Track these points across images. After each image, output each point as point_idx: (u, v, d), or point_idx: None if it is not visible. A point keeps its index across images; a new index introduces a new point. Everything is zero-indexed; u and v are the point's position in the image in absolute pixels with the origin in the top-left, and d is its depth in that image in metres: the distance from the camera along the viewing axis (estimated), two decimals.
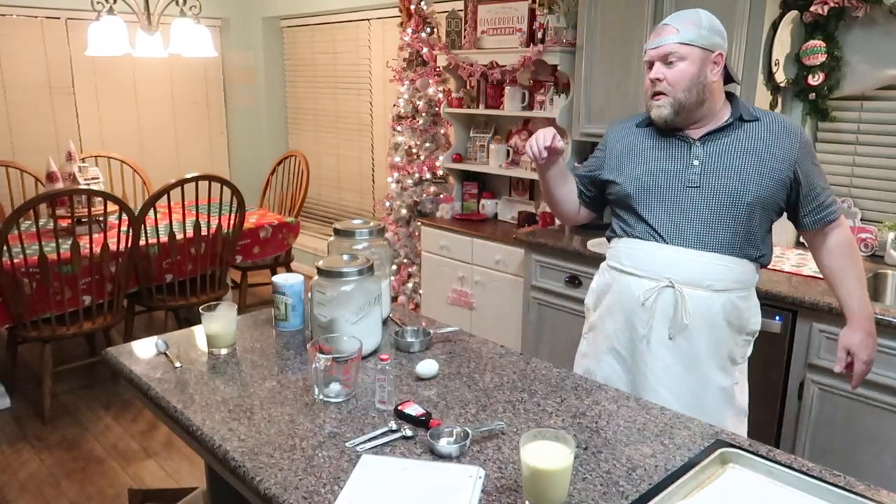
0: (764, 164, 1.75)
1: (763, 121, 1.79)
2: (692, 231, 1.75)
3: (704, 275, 1.73)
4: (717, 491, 1.23)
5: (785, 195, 1.79)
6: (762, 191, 1.74)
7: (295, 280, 1.93)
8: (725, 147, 1.77)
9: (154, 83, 5.42)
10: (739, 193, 1.74)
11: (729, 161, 1.76)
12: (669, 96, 1.75)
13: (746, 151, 1.76)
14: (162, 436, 3.16)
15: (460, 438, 1.34)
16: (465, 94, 3.82)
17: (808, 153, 1.79)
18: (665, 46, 1.74)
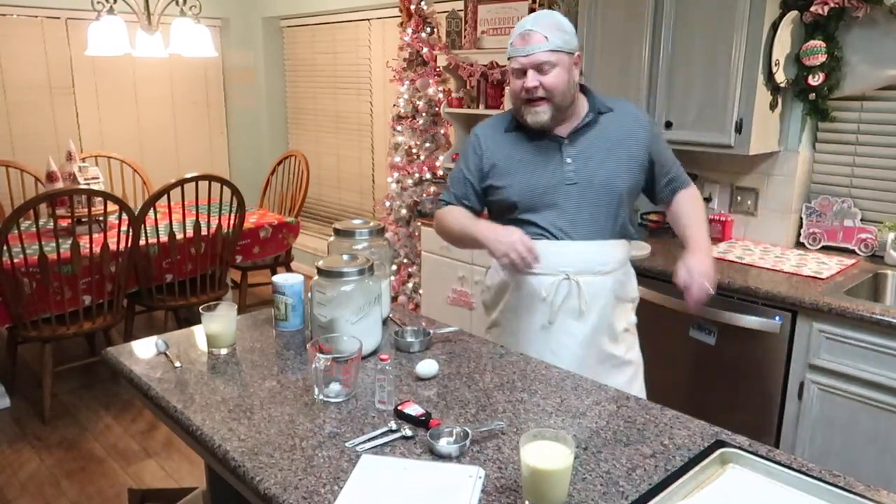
0: (628, 153, 1.90)
1: (616, 111, 1.94)
2: (577, 225, 1.88)
3: (594, 262, 1.88)
4: (717, 491, 1.23)
5: (644, 177, 1.96)
6: (630, 178, 1.91)
7: (295, 280, 1.93)
8: (591, 142, 1.90)
9: (154, 83, 5.42)
10: (613, 184, 1.88)
11: (597, 155, 1.89)
12: (548, 103, 1.82)
13: (611, 143, 1.90)
14: (162, 436, 3.16)
15: (460, 438, 1.34)
16: (465, 94, 3.82)
17: (657, 135, 1.99)
18: (538, 55, 1.79)
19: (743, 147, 2.67)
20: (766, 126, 2.73)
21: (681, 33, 2.75)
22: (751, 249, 2.84)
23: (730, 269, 2.57)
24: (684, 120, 2.80)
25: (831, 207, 2.80)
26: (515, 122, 1.94)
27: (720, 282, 2.46)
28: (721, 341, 2.52)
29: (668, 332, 2.68)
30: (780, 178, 2.90)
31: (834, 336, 2.24)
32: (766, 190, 2.95)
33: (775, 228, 2.94)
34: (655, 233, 3.15)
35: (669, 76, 2.81)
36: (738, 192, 3.04)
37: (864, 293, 2.46)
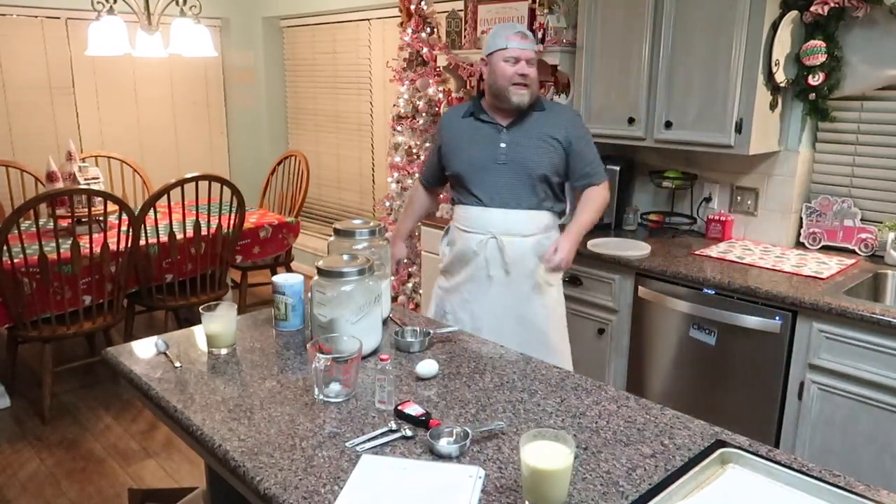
0: (550, 146, 2.35)
1: (548, 110, 2.40)
2: (504, 196, 2.37)
3: (516, 226, 2.37)
4: (717, 491, 1.23)
5: (563, 165, 2.38)
6: (550, 165, 2.35)
7: (295, 280, 1.93)
8: (523, 133, 2.37)
9: (154, 83, 5.42)
10: (534, 168, 2.34)
11: (525, 143, 2.36)
12: (528, 89, 2.31)
13: (538, 136, 2.35)
14: (162, 436, 3.16)
15: (460, 438, 1.34)
16: (465, 94, 3.81)
17: (581, 137, 2.39)
18: (531, 51, 2.30)
19: (743, 147, 2.67)
20: (766, 126, 2.72)
21: (681, 33, 2.75)
22: (751, 249, 2.84)
23: (730, 269, 2.57)
24: (684, 120, 2.80)
25: (831, 207, 2.80)
26: (471, 111, 2.44)
27: (720, 282, 2.47)
28: (721, 341, 2.52)
29: (668, 332, 2.68)
30: (780, 178, 2.90)
31: (834, 336, 2.24)
32: (766, 190, 2.95)
33: (775, 228, 2.94)
34: (655, 232, 3.15)
35: (669, 76, 2.81)
36: (738, 192, 3.04)
37: (864, 293, 2.46)
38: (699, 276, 2.53)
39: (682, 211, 3.21)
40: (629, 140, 3.01)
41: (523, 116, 2.36)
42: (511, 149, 2.35)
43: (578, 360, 3.01)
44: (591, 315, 2.93)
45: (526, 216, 2.37)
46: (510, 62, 2.27)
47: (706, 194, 3.13)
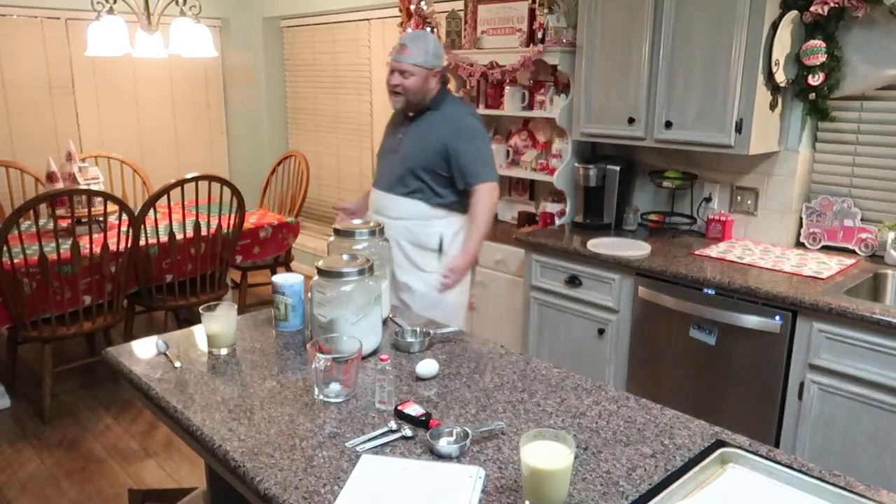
0: (430, 143, 2.54)
1: (440, 111, 2.58)
2: (386, 181, 2.64)
3: (387, 209, 2.62)
4: (717, 491, 1.23)
5: (442, 163, 2.53)
6: (425, 161, 2.54)
7: (295, 280, 1.93)
8: (416, 128, 2.60)
9: (154, 83, 5.41)
10: (412, 161, 2.56)
11: (413, 138, 2.59)
12: (403, 97, 2.54)
13: (423, 132, 2.57)
14: (162, 436, 3.16)
15: (460, 438, 1.34)
16: (465, 94, 3.81)
17: (459, 136, 2.52)
18: (402, 64, 2.51)
19: (743, 147, 2.67)
20: (766, 126, 2.72)
21: (680, 33, 2.75)
22: (751, 249, 2.84)
23: (730, 269, 2.57)
24: (684, 120, 2.80)
25: (831, 207, 2.80)
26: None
27: (720, 282, 2.47)
28: (721, 341, 2.52)
29: (668, 332, 2.68)
30: (780, 178, 2.90)
31: (834, 336, 2.24)
32: (766, 190, 2.95)
33: (775, 228, 2.94)
34: (655, 232, 3.15)
35: (669, 76, 2.81)
36: (738, 192, 3.04)
37: (864, 293, 2.46)
38: (699, 276, 2.53)
39: (682, 211, 3.21)
40: (629, 140, 3.01)
41: (422, 115, 2.59)
42: (404, 141, 2.62)
43: (578, 360, 3.02)
44: (591, 315, 2.94)
45: (396, 202, 2.59)
46: (389, 71, 2.54)
47: (706, 194, 3.13)
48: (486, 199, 2.54)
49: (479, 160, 2.55)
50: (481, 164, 2.55)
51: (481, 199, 2.54)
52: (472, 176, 2.53)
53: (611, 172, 3.19)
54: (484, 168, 2.55)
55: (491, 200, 2.56)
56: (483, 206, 2.54)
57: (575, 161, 3.32)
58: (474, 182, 2.54)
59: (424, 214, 2.59)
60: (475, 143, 2.57)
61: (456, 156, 2.52)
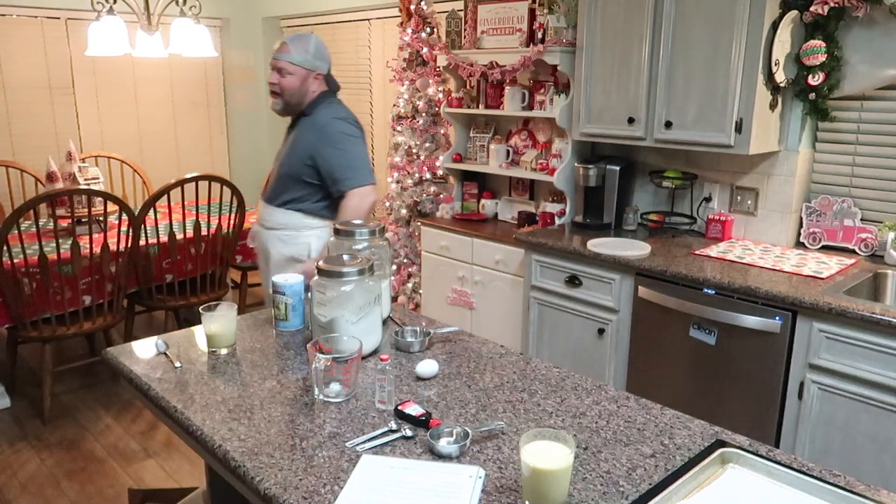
0: (297, 149, 2.49)
1: (311, 116, 2.49)
2: (268, 191, 2.60)
3: (265, 219, 2.60)
4: (717, 491, 1.23)
5: (311, 171, 2.45)
6: (291, 167, 2.49)
7: (295, 280, 1.93)
8: (293, 135, 2.56)
9: (154, 83, 5.41)
10: (284, 168, 2.52)
11: (289, 146, 2.54)
12: (281, 98, 2.48)
13: (296, 139, 2.52)
14: (162, 436, 3.16)
15: (460, 438, 1.34)
16: (465, 94, 3.82)
17: (326, 142, 2.43)
18: (279, 62, 2.44)
19: (743, 147, 2.67)
20: (766, 126, 2.73)
21: (681, 33, 2.75)
22: (751, 249, 2.84)
23: (730, 269, 2.57)
24: (684, 120, 2.80)
25: (831, 207, 2.80)
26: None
27: (720, 282, 2.47)
28: (721, 341, 2.52)
29: (668, 332, 2.68)
30: (780, 178, 2.90)
31: (834, 336, 2.24)
32: (766, 190, 2.95)
33: (775, 228, 2.94)
34: (655, 232, 3.15)
35: (669, 76, 2.81)
36: (738, 192, 3.04)
37: (864, 293, 2.46)
38: (699, 276, 2.53)
39: (682, 211, 3.21)
40: (629, 140, 3.01)
41: (298, 120, 2.54)
42: (283, 149, 2.59)
43: (578, 360, 3.02)
44: (591, 315, 2.94)
45: (273, 212, 2.56)
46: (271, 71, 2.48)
47: (706, 194, 3.13)
48: (353, 203, 2.39)
49: (347, 165, 2.41)
50: (351, 168, 2.42)
51: (349, 205, 2.40)
52: (342, 182, 2.41)
53: (611, 172, 3.19)
54: (354, 172, 2.42)
55: (360, 205, 2.40)
56: (349, 212, 2.38)
57: (575, 161, 3.32)
58: (345, 188, 2.41)
59: (296, 225, 2.52)
60: (343, 146, 2.43)
61: (323, 162, 2.42)
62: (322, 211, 2.53)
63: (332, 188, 2.45)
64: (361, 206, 2.41)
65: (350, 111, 2.57)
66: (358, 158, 2.45)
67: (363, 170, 2.45)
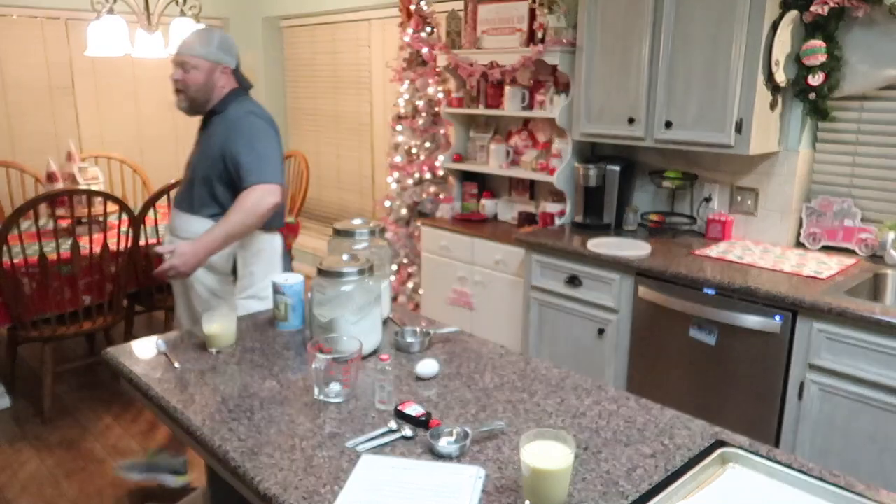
0: (210, 149, 2.34)
1: (224, 114, 2.36)
2: (180, 197, 2.44)
3: (180, 229, 2.39)
4: (717, 491, 1.23)
5: (226, 172, 2.33)
6: (206, 171, 2.34)
7: (295, 280, 1.93)
8: (204, 135, 2.42)
9: (154, 83, 5.41)
10: (197, 170, 2.37)
11: (201, 147, 2.40)
12: (185, 95, 2.34)
13: (207, 139, 2.38)
14: (162, 436, 3.16)
15: (460, 438, 1.34)
16: (465, 94, 3.82)
17: (236, 137, 2.30)
18: (181, 56, 2.31)
19: (743, 147, 2.67)
20: (766, 126, 2.73)
21: (681, 33, 2.75)
22: (751, 249, 2.84)
23: (730, 269, 2.57)
24: (684, 120, 2.80)
25: (831, 207, 2.80)
26: None
27: (720, 282, 2.46)
28: (721, 341, 2.52)
29: (668, 332, 2.68)
30: (780, 178, 2.90)
31: (834, 336, 2.24)
32: (766, 190, 2.95)
33: (775, 228, 2.94)
34: (655, 232, 3.15)
35: (669, 76, 2.81)
36: (738, 192, 3.04)
37: (864, 293, 2.46)
38: (699, 276, 2.53)
39: (682, 211, 3.21)
40: (629, 140, 3.02)
41: (210, 119, 2.39)
42: (198, 149, 2.44)
43: (578, 360, 3.02)
44: (591, 315, 2.94)
45: (188, 220, 2.39)
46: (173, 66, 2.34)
47: (706, 194, 3.13)
48: (252, 198, 2.23)
49: (255, 161, 2.27)
50: (258, 164, 2.27)
51: (246, 198, 2.24)
52: (246, 176, 2.27)
53: (611, 172, 3.19)
54: (260, 167, 2.27)
55: (259, 202, 2.23)
56: (243, 204, 2.23)
57: (575, 161, 3.32)
58: (247, 183, 2.26)
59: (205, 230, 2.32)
60: (253, 143, 2.29)
61: (233, 160, 2.28)
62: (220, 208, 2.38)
63: (239, 186, 2.29)
64: (260, 204, 2.23)
65: (265, 109, 2.43)
66: (267, 155, 2.30)
67: (271, 167, 2.29)
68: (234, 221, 2.25)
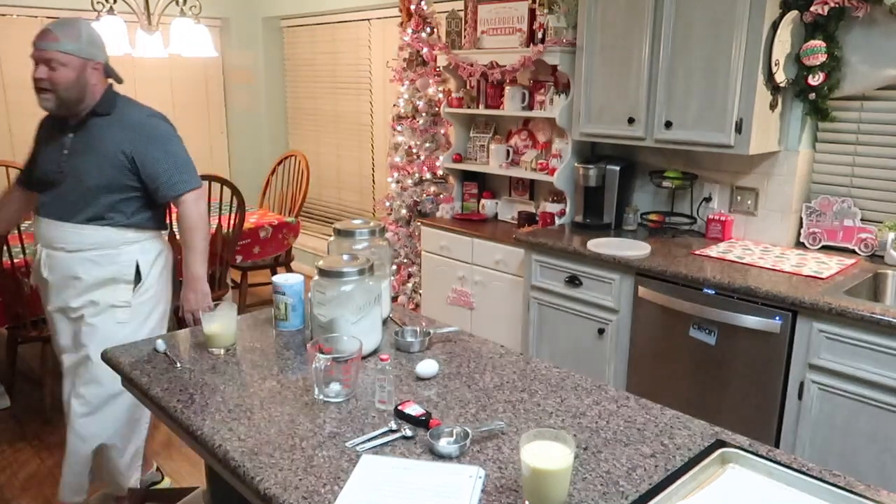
0: (107, 154, 2.17)
1: (115, 115, 2.21)
2: (58, 207, 2.20)
3: (60, 240, 2.21)
4: (717, 491, 1.23)
5: (130, 176, 2.20)
6: (101, 176, 2.17)
7: (295, 280, 1.93)
8: (85, 139, 2.19)
9: (154, 83, 5.41)
10: (87, 178, 2.17)
11: (83, 152, 2.19)
12: (53, 94, 2.13)
13: (96, 142, 2.18)
14: (162, 436, 3.16)
15: (460, 438, 1.34)
16: (465, 94, 3.82)
17: (146, 142, 2.21)
18: (46, 52, 2.10)
19: (743, 147, 2.67)
20: (766, 126, 2.73)
21: (681, 33, 2.75)
22: (751, 249, 2.84)
23: (730, 269, 2.57)
24: (684, 120, 2.80)
25: (831, 207, 2.80)
26: None
27: (720, 282, 2.46)
28: (721, 341, 2.52)
29: (668, 332, 2.68)
30: (780, 178, 2.90)
31: (834, 336, 2.24)
32: (766, 190, 2.95)
33: (775, 228, 2.94)
34: (655, 232, 3.15)
35: (669, 76, 2.81)
36: (738, 192, 3.04)
37: (864, 293, 2.46)
38: (699, 276, 2.53)
39: (682, 211, 3.21)
40: (629, 140, 3.02)
41: (88, 121, 2.20)
42: (71, 155, 2.20)
43: (578, 360, 3.02)
44: (591, 315, 2.94)
45: (76, 231, 2.20)
46: (34, 65, 2.13)
47: (706, 194, 3.13)
48: (193, 211, 2.26)
49: (176, 167, 2.24)
50: (180, 171, 2.25)
51: (190, 213, 2.25)
52: (173, 187, 2.23)
53: (611, 172, 3.19)
54: (184, 176, 2.25)
55: (199, 212, 2.27)
56: (194, 221, 2.26)
57: (575, 161, 3.32)
58: (176, 193, 2.24)
59: (113, 241, 2.24)
60: (168, 148, 2.26)
61: (150, 166, 2.20)
62: (144, 222, 2.29)
63: (157, 193, 2.24)
64: (201, 211, 2.26)
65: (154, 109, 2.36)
66: (185, 160, 2.29)
67: (191, 172, 2.29)
68: (201, 238, 2.30)
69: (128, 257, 2.27)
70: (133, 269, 2.28)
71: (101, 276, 2.24)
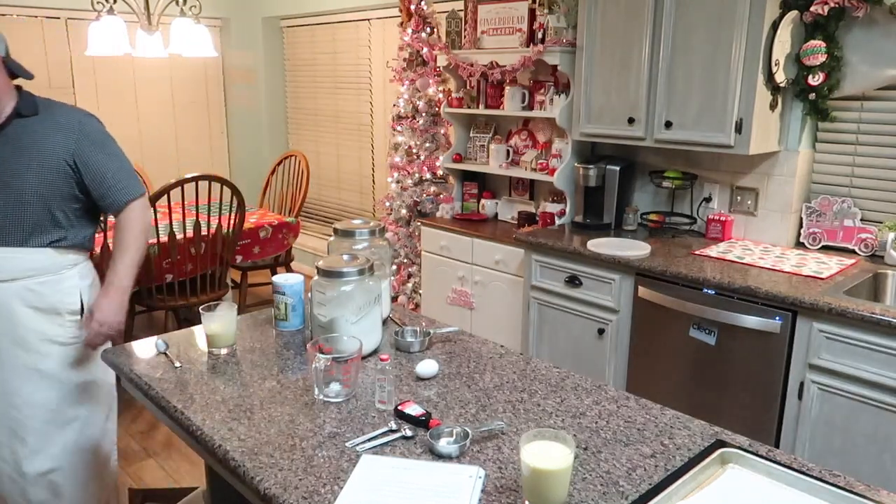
0: (40, 158, 1.88)
1: (42, 115, 1.93)
2: None
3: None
4: (717, 491, 1.23)
5: (73, 183, 1.94)
6: (40, 184, 1.88)
7: (295, 280, 1.93)
8: (12, 145, 1.89)
9: (154, 83, 5.42)
10: (17, 189, 1.86)
11: (7, 158, 1.88)
12: None
13: (24, 147, 1.89)
14: (162, 436, 3.16)
15: (460, 438, 1.34)
16: (465, 94, 3.82)
17: (89, 144, 1.94)
18: None
19: (743, 147, 2.67)
20: (766, 126, 2.73)
21: (681, 33, 2.75)
22: (751, 249, 2.84)
23: (730, 269, 2.57)
24: (684, 120, 2.80)
25: (831, 207, 2.80)
26: None
27: (720, 282, 2.46)
28: (721, 341, 2.52)
29: (668, 332, 2.68)
30: (780, 178, 2.90)
31: (834, 336, 2.24)
32: (766, 190, 2.95)
33: (775, 228, 2.94)
34: (655, 232, 3.15)
35: (669, 76, 2.81)
36: (738, 192, 3.04)
37: (864, 293, 2.46)
38: (699, 276, 2.53)
39: (682, 211, 3.21)
40: (629, 140, 3.02)
41: (4, 125, 1.91)
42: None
43: (578, 360, 3.02)
44: (591, 315, 2.94)
45: (10, 256, 1.90)
46: None
47: (706, 194, 3.13)
48: (140, 219, 2.02)
49: (122, 171, 2.00)
50: (127, 175, 2.00)
51: (136, 220, 2.01)
52: (122, 191, 1.99)
53: (611, 172, 3.20)
54: (130, 180, 2.01)
55: (146, 220, 2.04)
56: (140, 229, 2.02)
57: (575, 161, 3.32)
58: (124, 198, 1.99)
59: (54, 266, 1.96)
60: (112, 150, 2.01)
61: (94, 170, 1.94)
62: (86, 241, 2.05)
63: (104, 201, 1.99)
64: (147, 220, 2.05)
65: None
66: (128, 164, 2.04)
67: (133, 177, 2.04)
68: (140, 246, 2.04)
69: (70, 283, 2.00)
70: (78, 298, 2.02)
71: (42, 307, 1.96)
